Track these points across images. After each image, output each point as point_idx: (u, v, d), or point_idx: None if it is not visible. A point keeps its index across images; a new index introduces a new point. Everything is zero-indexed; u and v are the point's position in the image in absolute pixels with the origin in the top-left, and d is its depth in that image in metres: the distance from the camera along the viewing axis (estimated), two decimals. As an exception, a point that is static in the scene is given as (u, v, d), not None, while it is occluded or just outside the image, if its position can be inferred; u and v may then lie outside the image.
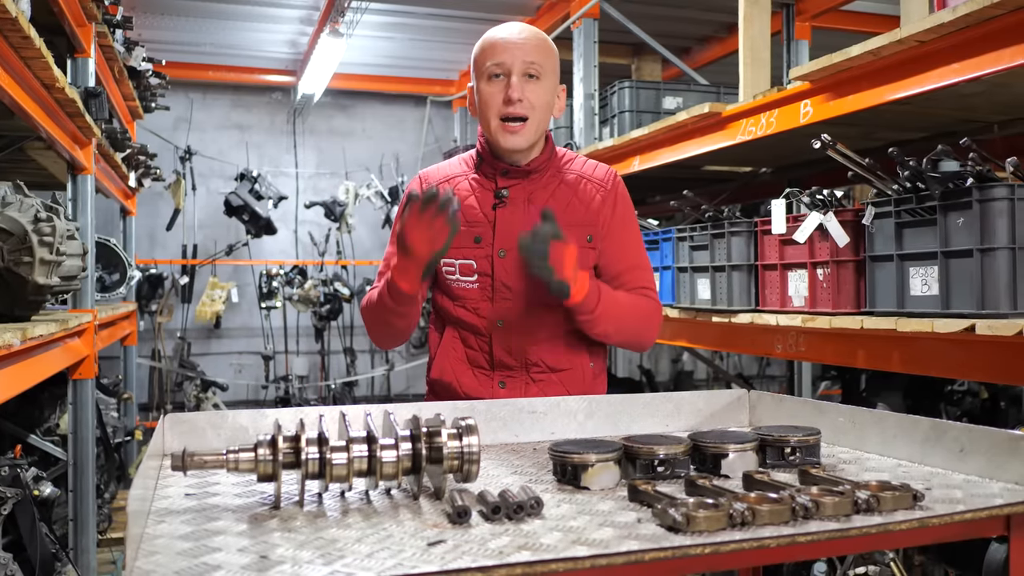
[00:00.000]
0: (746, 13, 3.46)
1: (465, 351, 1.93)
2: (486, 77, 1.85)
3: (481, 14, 5.72)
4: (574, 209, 1.89)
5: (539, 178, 1.91)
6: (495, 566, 0.91)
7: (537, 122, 1.85)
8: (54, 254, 2.34)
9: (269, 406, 6.86)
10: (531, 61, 1.83)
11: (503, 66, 1.82)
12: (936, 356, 2.24)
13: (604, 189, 1.93)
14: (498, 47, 1.84)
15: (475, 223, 1.88)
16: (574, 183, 1.93)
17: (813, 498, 1.07)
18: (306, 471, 1.17)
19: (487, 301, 1.88)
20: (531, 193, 1.89)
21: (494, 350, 1.89)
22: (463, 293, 1.90)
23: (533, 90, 1.83)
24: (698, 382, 7.89)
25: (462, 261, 1.89)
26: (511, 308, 1.87)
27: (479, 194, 1.91)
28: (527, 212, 1.87)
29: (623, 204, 1.96)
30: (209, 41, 6.53)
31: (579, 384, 1.92)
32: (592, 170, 1.96)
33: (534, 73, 1.83)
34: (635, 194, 6.11)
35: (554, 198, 1.89)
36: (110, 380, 5.13)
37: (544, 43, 1.88)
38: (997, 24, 2.08)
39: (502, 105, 1.82)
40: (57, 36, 3.24)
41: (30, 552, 2.71)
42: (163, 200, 7.18)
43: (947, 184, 2.17)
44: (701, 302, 3.17)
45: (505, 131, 1.83)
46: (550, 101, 1.88)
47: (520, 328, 1.88)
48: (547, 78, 1.86)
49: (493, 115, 1.84)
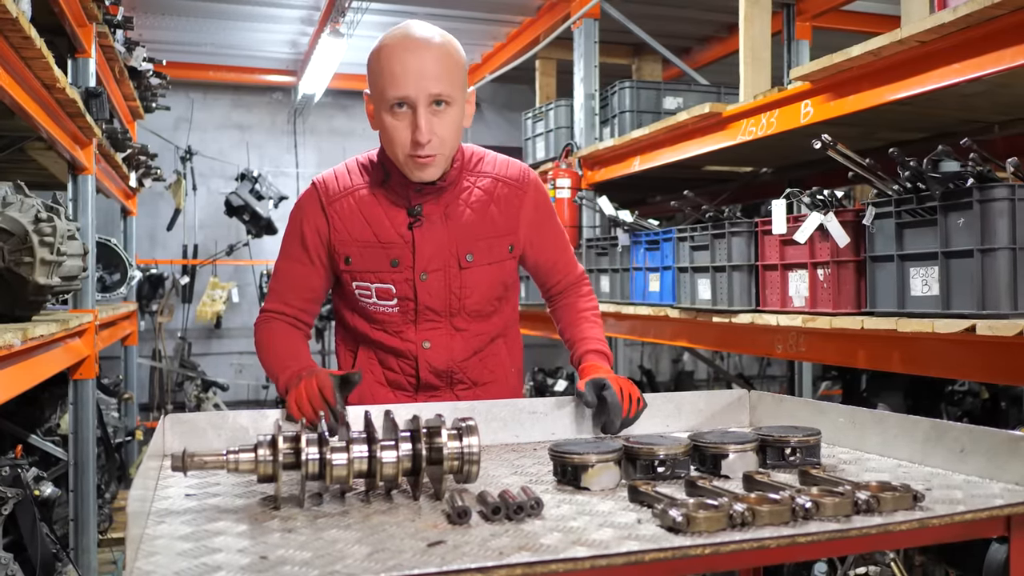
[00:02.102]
0: (747, 13, 3.46)
1: (384, 372, 1.84)
2: (388, 106, 1.68)
3: (482, 14, 5.72)
4: (494, 220, 1.81)
5: (453, 190, 1.80)
6: (495, 567, 0.91)
7: (448, 153, 1.73)
8: (55, 254, 2.34)
9: (270, 406, 6.86)
10: (437, 93, 1.66)
11: (408, 99, 1.66)
12: (936, 356, 2.24)
13: (520, 190, 1.85)
14: (399, 78, 1.65)
15: (390, 244, 1.76)
16: (490, 188, 1.83)
17: (813, 499, 1.07)
18: (306, 472, 1.17)
19: (410, 325, 1.79)
20: (447, 207, 1.78)
21: (420, 372, 1.81)
22: (383, 317, 1.80)
23: (441, 121, 1.68)
24: (698, 382, 7.88)
25: (379, 285, 1.78)
26: (436, 329, 1.80)
27: (388, 211, 1.78)
28: (446, 229, 1.77)
29: (541, 199, 1.90)
30: (210, 41, 6.52)
31: (505, 392, 1.88)
32: (505, 168, 1.86)
33: (442, 99, 1.67)
34: (636, 194, 6.05)
35: (473, 210, 1.80)
36: (111, 380, 5.13)
37: (449, 59, 1.69)
38: (998, 24, 2.08)
39: (410, 146, 1.67)
40: (58, 36, 3.24)
41: (31, 552, 2.71)
42: (164, 200, 7.18)
43: (948, 184, 2.17)
44: (701, 302, 3.17)
45: (415, 164, 1.70)
46: (459, 122, 1.73)
47: (446, 349, 1.81)
48: (455, 101, 1.70)
49: (400, 150, 1.69)
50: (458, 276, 1.78)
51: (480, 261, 1.80)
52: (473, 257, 1.79)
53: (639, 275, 3.70)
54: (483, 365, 1.86)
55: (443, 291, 1.78)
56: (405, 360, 1.82)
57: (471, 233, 1.79)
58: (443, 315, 1.80)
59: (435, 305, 1.78)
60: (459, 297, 1.79)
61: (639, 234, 3.71)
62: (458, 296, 1.79)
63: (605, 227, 4.41)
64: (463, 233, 1.78)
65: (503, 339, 1.91)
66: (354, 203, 1.78)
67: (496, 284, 1.83)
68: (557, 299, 1.99)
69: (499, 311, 1.88)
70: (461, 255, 1.78)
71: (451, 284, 1.78)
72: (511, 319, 1.95)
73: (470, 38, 6.28)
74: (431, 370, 1.81)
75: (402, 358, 1.82)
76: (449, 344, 1.81)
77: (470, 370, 1.85)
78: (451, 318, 1.80)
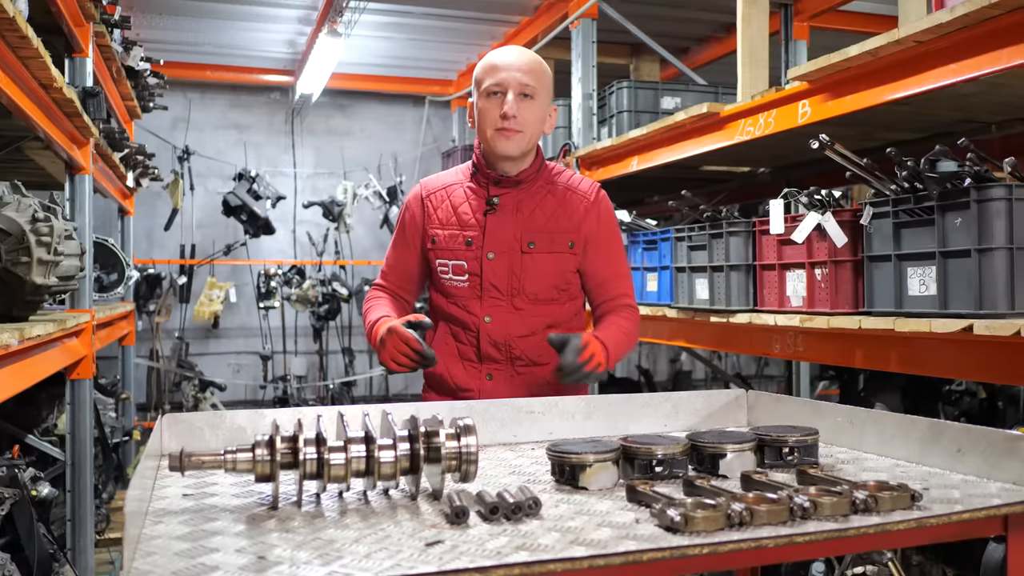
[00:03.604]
0: (744, 13, 3.46)
1: (456, 346, 2.09)
2: (485, 95, 2.03)
3: (480, 14, 5.72)
4: (559, 218, 2.08)
5: (528, 188, 2.08)
6: (493, 567, 0.91)
7: (529, 136, 2.03)
8: (52, 254, 2.34)
9: (267, 406, 6.86)
10: (526, 83, 2.00)
11: (501, 85, 2.00)
12: (934, 356, 2.25)
13: (588, 201, 2.10)
14: (497, 68, 2.02)
15: (468, 227, 2.07)
16: (560, 194, 2.10)
17: (811, 498, 1.07)
18: (304, 471, 1.16)
19: (476, 299, 2.06)
20: (519, 201, 2.07)
21: (481, 344, 2.06)
22: (455, 291, 2.08)
23: (527, 108, 2.01)
24: (696, 382, 7.88)
25: (455, 262, 2.07)
26: (497, 306, 2.05)
27: (473, 201, 2.09)
28: (515, 219, 2.06)
29: (607, 215, 2.13)
30: (207, 41, 6.52)
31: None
32: (578, 183, 2.13)
33: (528, 93, 2.01)
34: (633, 194, 6.06)
35: (541, 207, 2.07)
36: (108, 380, 5.12)
37: (539, 66, 2.06)
38: (995, 24, 2.08)
39: (499, 120, 2.00)
40: (55, 36, 3.23)
41: (28, 552, 2.71)
42: (161, 200, 7.17)
43: (945, 184, 2.17)
44: (699, 302, 3.17)
45: (500, 136, 2.01)
46: (542, 118, 2.06)
47: (505, 324, 2.05)
48: (540, 98, 2.04)
49: (490, 126, 2.02)
50: (519, 260, 2.05)
51: (541, 249, 2.05)
52: (535, 244, 2.05)
53: (637, 275, 3.70)
54: (540, 346, 2.03)
55: (506, 271, 2.04)
56: (470, 332, 2.07)
57: (536, 225, 2.06)
58: (505, 294, 2.05)
59: (498, 283, 2.05)
60: (519, 279, 2.05)
61: (637, 234, 3.71)
62: (519, 277, 2.05)
63: (603, 227, 4.40)
64: (529, 224, 2.06)
65: (564, 329, 2.08)
66: (446, 195, 2.12)
67: (554, 273, 2.06)
68: (601, 315, 2.14)
69: (557, 301, 2.09)
70: (524, 241, 2.05)
71: (513, 266, 2.04)
72: (573, 315, 2.13)
73: (468, 38, 6.28)
74: (491, 342, 2.05)
75: (468, 330, 2.07)
76: (508, 320, 2.05)
77: (528, 348, 2.06)
78: (512, 297, 2.05)
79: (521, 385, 2.04)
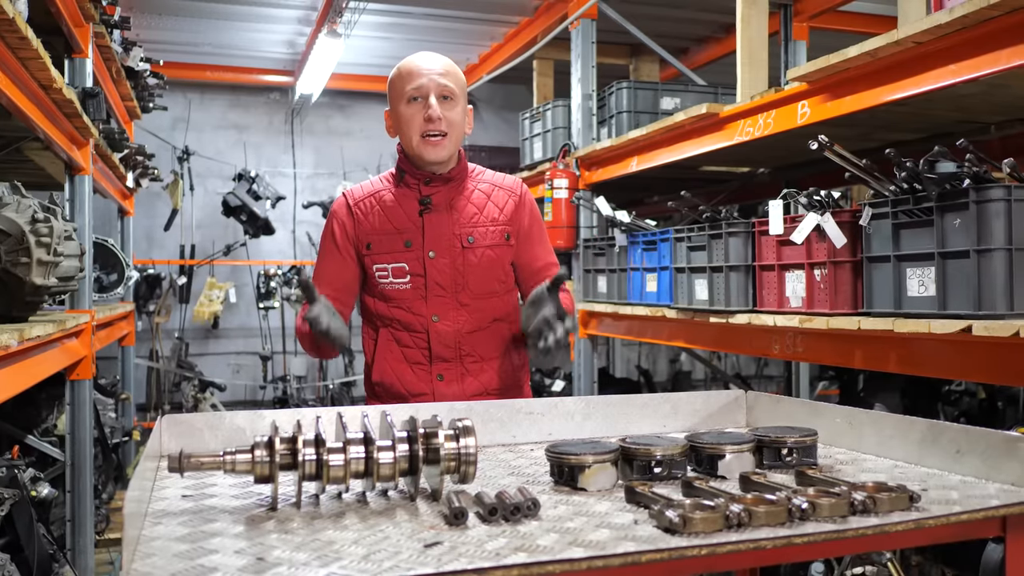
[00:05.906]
0: (744, 14, 3.46)
1: (402, 350, 2.08)
2: (405, 100, 2.04)
3: (479, 14, 5.72)
4: (491, 211, 2.12)
5: (458, 185, 2.11)
6: (491, 568, 0.91)
7: (454, 137, 2.06)
8: (51, 255, 2.34)
9: (267, 406, 6.86)
10: (445, 84, 2.03)
11: (421, 90, 2.02)
12: (933, 357, 2.25)
13: (516, 195, 2.16)
14: (415, 74, 2.04)
15: (404, 230, 2.07)
16: (488, 191, 2.14)
17: (810, 499, 1.07)
18: (303, 472, 1.17)
19: (421, 300, 2.06)
20: (452, 199, 2.10)
21: (432, 344, 2.05)
22: (396, 294, 2.07)
23: (449, 110, 2.04)
24: (696, 382, 7.89)
25: (395, 265, 2.07)
26: (444, 304, 2.06)
27: (404, 204, 2.09)
28: (450, 216, 2.08)
29: (532, 208, 2.19)
30: (207, 41, 6.52)
31: (508, 372, 2.11)
32: (502, 179, 2.19)
33: (448, 95, 2.04)
34: (633, 194, 6.05)
35: (473, 203, 2.11)
36: (108, 380, 5.12)
37: (454, 68, 2.10)
38: (994, 25, 2.09)
39: (423, 123, 2.02)
40: (54, 36, 3.23)
41: (28, 553, 2.71)
42: (161, 200, 7.17)
43: (944, 185, 2.17)
44: (699, 303, 3.17)
45: (427, 145, 2.03)
46: (463, 120, 2.09)
47: (454, 321, 2.06)
48: (458, 99, 2.07)
49: (415, 133, 2.03)
50: (461, 255, 2.06)
51: (480, 243, 2.08)
52: (474, 239, 2.07)
53: (636, 275, 3.70)
54: (488, 341, 2.08)
55: (449, 269, 2.05)
56: (417, 334, 2.06)
57: (471, 220, 2.09)
58: (450, 291, 2.05)
59: (443, 281, 2.05)
60: (463, 275, 2.06)
61: (636, 234, 3.71)
62: (462, 273, 2.05)
63: (602, 227, 4.41)
64: (465, 219, 2.08)
65: (506, 324, 2.12)
66: (375, 201, 2.11)
67: (495, 267, 2.09)
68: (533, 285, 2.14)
69: (498, 294, 2.11)
70: (463, 237, 2.07)
71: (455, 263, 2.05)
72: (513, 308, 2.15)
73: (467, 38, 6.28)
74: (441, 341, 2.05)
75: (415, 332, 2.06)
76: (455, 317, 2.06)
77: (476, 344, 2.07)
78: (456, 294, 2.06)
79: (471, 383, 2.05)
